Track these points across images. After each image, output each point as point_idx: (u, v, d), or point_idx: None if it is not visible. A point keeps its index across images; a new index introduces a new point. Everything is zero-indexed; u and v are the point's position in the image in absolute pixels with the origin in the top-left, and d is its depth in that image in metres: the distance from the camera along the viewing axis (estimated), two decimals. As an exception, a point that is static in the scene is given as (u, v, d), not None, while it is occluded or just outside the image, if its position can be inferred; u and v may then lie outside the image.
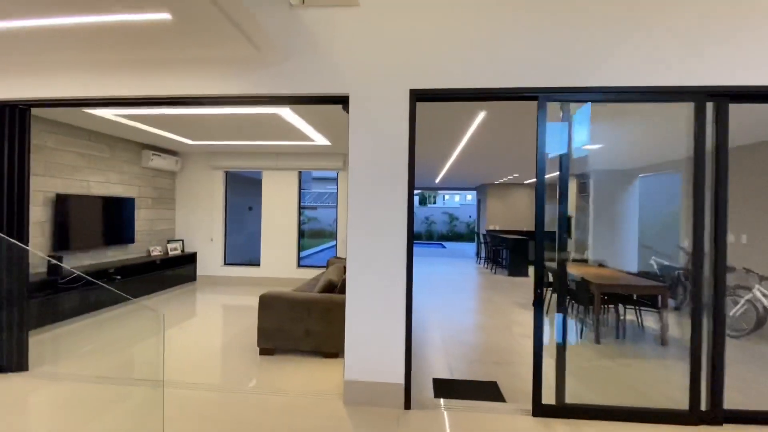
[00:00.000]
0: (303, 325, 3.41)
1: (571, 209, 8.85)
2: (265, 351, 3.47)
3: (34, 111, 3.99)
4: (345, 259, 5.83)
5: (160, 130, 4.95)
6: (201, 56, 2.63)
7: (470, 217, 23.62)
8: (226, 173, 6.91)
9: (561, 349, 2.49)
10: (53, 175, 4.43)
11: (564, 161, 2.57)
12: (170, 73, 2.69)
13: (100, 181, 5.14)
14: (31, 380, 2.87)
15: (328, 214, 23.73)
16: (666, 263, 5.86)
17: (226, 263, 6.88)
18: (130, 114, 4.02)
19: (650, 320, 4.52)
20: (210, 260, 6.81)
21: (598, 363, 3.57)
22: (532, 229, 10.78)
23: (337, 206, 6.66)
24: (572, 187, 8.59)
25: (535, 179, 2.57)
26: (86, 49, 2.56)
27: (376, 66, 2.56)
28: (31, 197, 4.19)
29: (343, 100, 2.66)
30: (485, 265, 10.09)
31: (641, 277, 4.64)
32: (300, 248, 6.82)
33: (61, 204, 4.45)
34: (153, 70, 2.70)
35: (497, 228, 10.98)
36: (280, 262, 6.67)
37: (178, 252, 6.48)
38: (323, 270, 6.34)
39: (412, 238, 2.57)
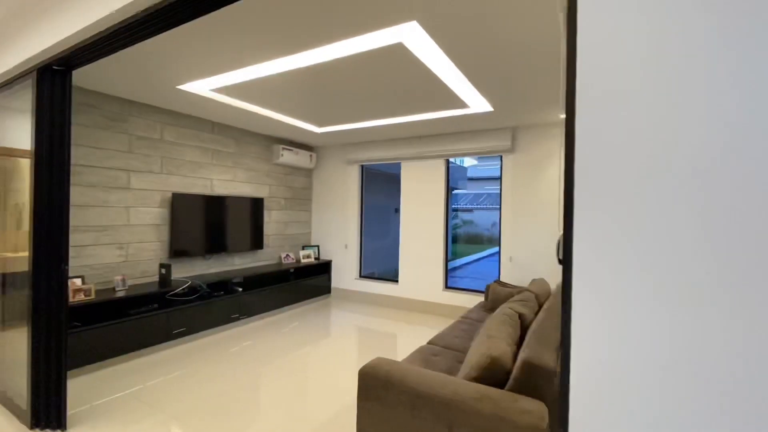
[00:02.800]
0: (438, 449, 1.61)
1: None
2: (367, 476, 1.83)
3: (123, 91, 3.23)
4: (512, 288, 3.76)
5: (276, 113, 4.02)
6: None
7: None
8: (363, 168, 5.76)
9: None
10: (172, 173, 3.96)
11: None
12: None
13: (226, 180, 4.59)
14: (50, 455, 2.00)
15: (485, 217, 21.32)
16: None
17: (361, 276, 5.72)
18: (218, 88, 3.07)
19: None
20: (344, 271, 5.77)
21: None
22: None
23: (500, 206, 4.61)
24: None
25: None
26: None
27: None
28: (147, 197, 3.77)
29: None
30: None
31: None
32: (448, 261, 5.06)
33: (179, 205, 3.94)
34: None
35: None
36: (421, 280, 5.06)
37: (311, 260, 5.65)
38: (480, 300, 4.40)
39: None
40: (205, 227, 4.26)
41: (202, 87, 3.15)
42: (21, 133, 2.38)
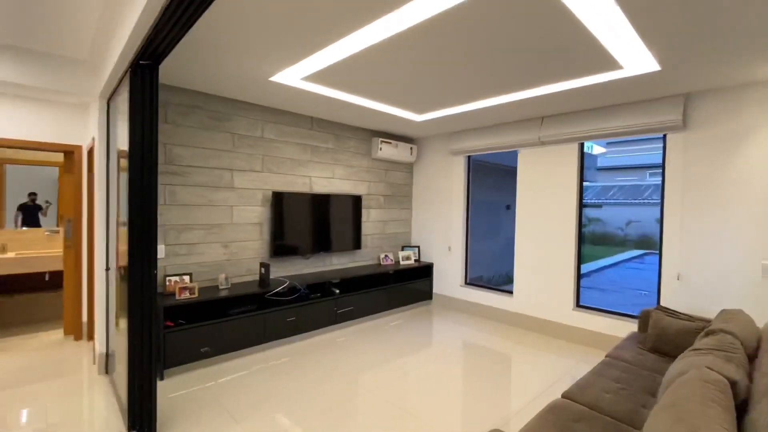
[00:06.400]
0: None
1: None
2: None
3: (223, 89, 3.10)
4: (686, 319, 2.62)
5: (372, 101, 3.62)
6: None
7: None
8: (469, 160, 5.04)
9: None
10: (272, 171, 3.91)
11: None
12: None
13: (325, 177, 4.42)
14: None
15: (617, 213, 18.07)
16: None
17: (466, 283, 5.04)
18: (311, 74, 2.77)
19: None
20: (447, 276, 5.16)
21: None
22: None
23: (662, 201, 3.41)
24: None
25: None
26: None
27: None
28: (249, 195, 3.76)
29: None
30: None
31: None
32: (581, 272, 4.03)
33: (279, 203, 3.88)
34: None
35: None
36: (544, 294, 4.14)
37: (411, 262, 5.20)
38: (630, 328, 3.33)
39: None
40: (305, 226, 4.14)
41: (294, 76, 2.91)
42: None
